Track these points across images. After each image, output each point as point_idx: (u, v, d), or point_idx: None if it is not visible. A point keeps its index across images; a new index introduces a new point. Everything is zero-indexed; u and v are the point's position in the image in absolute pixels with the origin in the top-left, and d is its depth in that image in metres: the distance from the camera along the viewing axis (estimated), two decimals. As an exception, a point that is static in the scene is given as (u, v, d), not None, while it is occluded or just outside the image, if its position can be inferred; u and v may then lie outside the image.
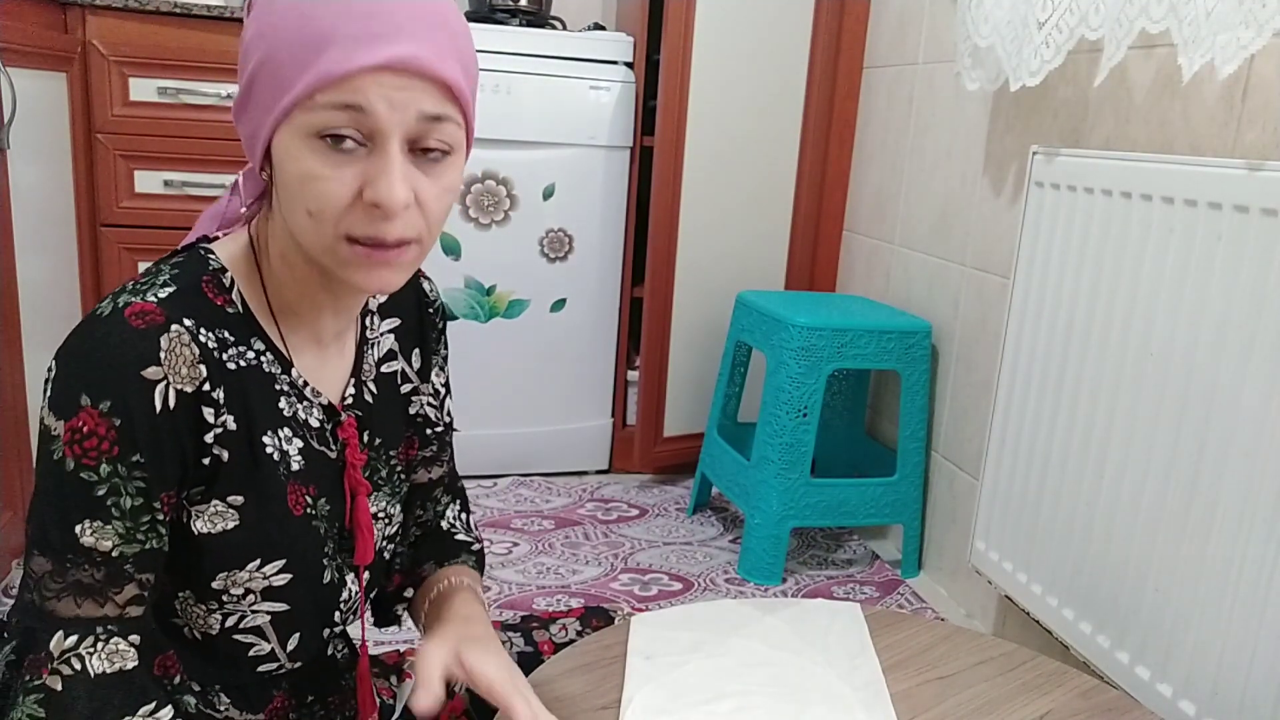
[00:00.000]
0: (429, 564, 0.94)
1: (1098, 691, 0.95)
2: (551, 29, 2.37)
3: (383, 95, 0.63)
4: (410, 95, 0.64)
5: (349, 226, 0.66)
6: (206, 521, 0.71)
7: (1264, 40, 1.15)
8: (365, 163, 0.65)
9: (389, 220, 0.65)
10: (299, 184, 0.65)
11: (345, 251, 0.67)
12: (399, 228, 0.66)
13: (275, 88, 0.65)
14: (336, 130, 0.64)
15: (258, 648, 0.76)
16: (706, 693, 0.89)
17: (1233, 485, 1.16)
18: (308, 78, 0.63)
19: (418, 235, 0.68)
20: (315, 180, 0.65)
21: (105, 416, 0.64)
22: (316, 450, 0.78)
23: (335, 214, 0.65)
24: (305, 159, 0.65)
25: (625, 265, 2.41)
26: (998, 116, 1.83)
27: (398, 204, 0.65)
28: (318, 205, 0.65)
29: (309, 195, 0.65)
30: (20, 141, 1.63)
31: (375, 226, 0.66)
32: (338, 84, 0.63)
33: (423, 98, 0.65)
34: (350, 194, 0.65)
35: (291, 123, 0.65)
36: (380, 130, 0.64)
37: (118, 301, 0.67)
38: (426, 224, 0.68)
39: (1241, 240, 1.15)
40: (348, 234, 0.66)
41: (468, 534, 0.98)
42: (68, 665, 0.65)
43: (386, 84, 0.63)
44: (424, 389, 0.90)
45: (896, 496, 2.02)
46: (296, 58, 0.63)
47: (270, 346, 0.74)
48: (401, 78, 0.64)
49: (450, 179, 0.69)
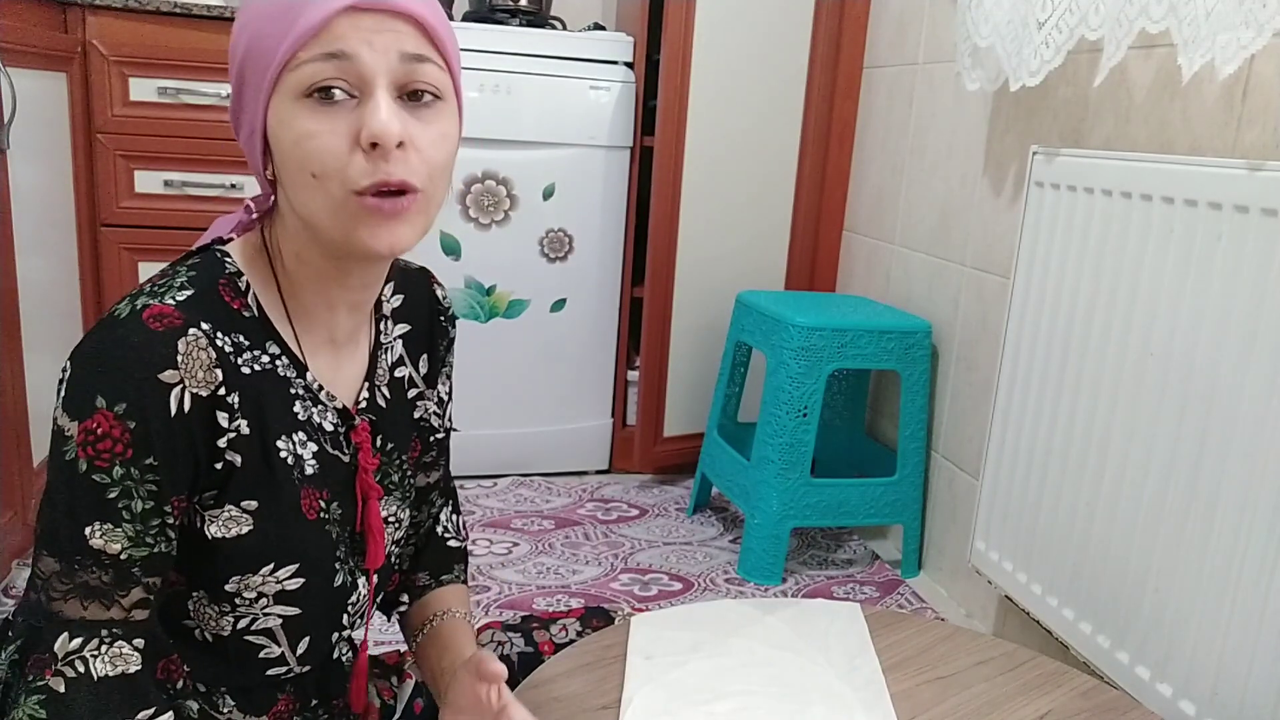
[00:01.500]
0: (424, 574, 0.95)
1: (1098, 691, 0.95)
2: (551, 29, 2.37)
3: (363, 39, 0.65)
4: (389, 37, 0.66)
5: (353, 178, 0.66)
6: (221, 526, 0.71)
7: (1264, 40, 1.15)
8: (356, 111, 0.66)
9: (388, 160, 0.66)
10: (296, 147, 0.66)
11: (354, 207, 0.67)
12: (399, 168, 0.66)
13: (262, 66, 0.66)
14: (324, 82, 0.65)
15: (267, 650, 0.76)
16: (706, 693, 0.89)
17: (1233, 485, 1.16)
18: (290, 37, 0.64)
19: (420, 181, 0.68)
20: (311, 138, 0.65)
21: (120, 419, 0.64)
22: (330, 454, 0.78)
23: (337, 167, 0.66)
24: (298, 120, 0.66)
25: (625, 265, 2.41)
26: (998, 116, 1.83)
27: (392, 137, 0.65)
28: (319, 163, 0.66)
29: (308, 155, 0.66)
30: (20, 141, 1.63)
31: (377, 170, 0.66)
32: (317, 35, 0.64)
33: (402, 38, 0.66)
34: (347, 144, 0.66)
35: (280, 90, 0.66)
36: (365, 75, 0.65)
37: (136, 304, 0.66)
38: (427, 171, 0.69)
39: (1241, 240, 1.15)
40: (353, 188, 0.66)
41: (457, 537, 0.99)
42: (71, 667, 0.65)
43: (364, 26, 0.65)
44: (429, 395, 0.90)
45: (896, 496, 2.02)
46: (277, 29, 0.65)
47: (285, 350, 0.74)
48: (379, 18, 0.65)
49: (444, 126, 0.70)
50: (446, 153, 0.70)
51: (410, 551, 0.96)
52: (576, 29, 2.44)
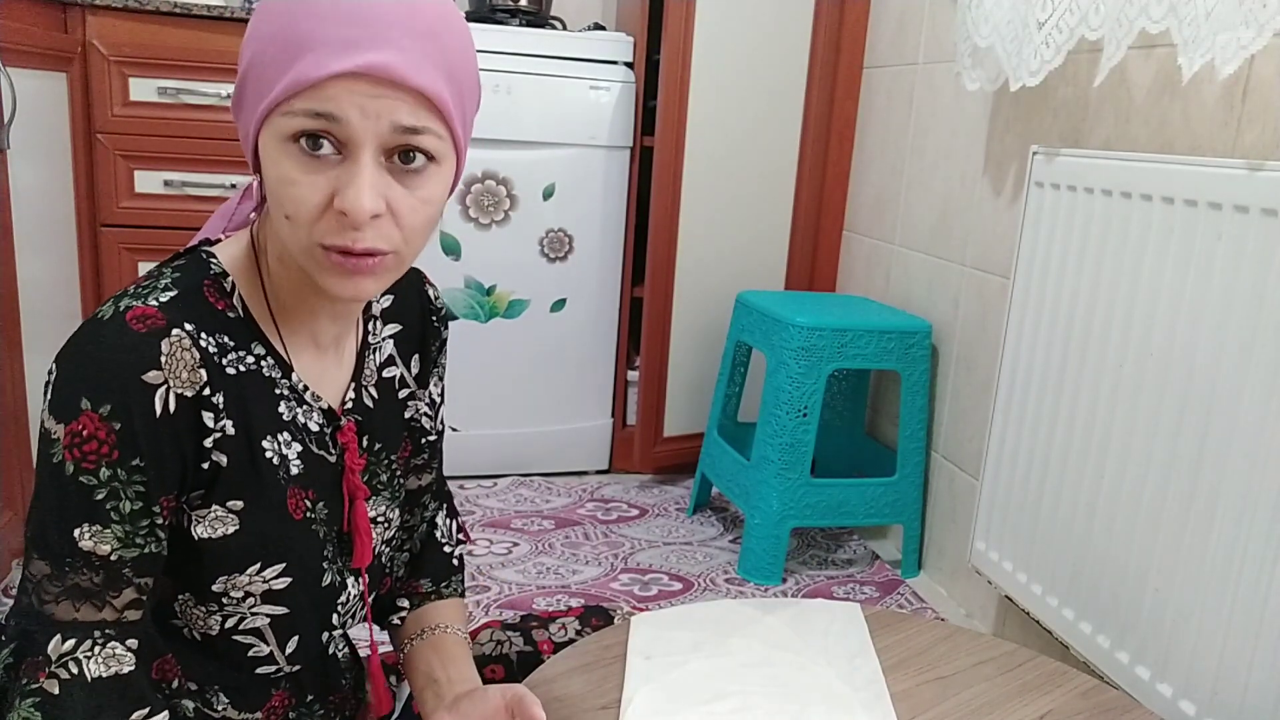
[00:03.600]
0: (426, 581, 0.95)
1: (1098, 691, 0.95)
2: (551, 29, 2.37)
3: (355, 104, 0.62)
4: (384, 104, 0.63)
5: (321, 234, 0.65)
6: (207, 526, 0.71)
7: (1264, 40, 1.15)
8: (339, 170, 0.64)
9: (357, 230, 0.65)
10: (277, 187, 0.66)
11: (320, 257, 0.66)
12: (369, 238, 0.65)
13: (259, 89, 0.65)
14: (311, 137, 0.63)
15: (256, 649, 0.76)
16: (706, 693, 0.89)
17: (1233, 485, 1.16)
18: (284, 82, 0.63)
19: (392, 247, 0.67)
20: (290, 185, 0.65)
21: (105, 420, 0.64)
22: (316, 454, 0.78)
23: (309, 220, 0.65)
24: (282, 163, 0.65)
25: (625, 265, 2.41)
26: (998, 116, 1.83)
27: (364, 213, 0.63)
28: (293, 210, 0.65)
29: (285, 199, 0.65)
30: (20, 141, 1.63)
31: (345, 235, 0.65)
32: (310, 90, 0.62)
33: (397, 107, 0.63)
34: (323, 200, 0.65)
35: (271, 126, 0.65)
36: (352, 139, 0.63)
37: (119, 305, 0.66)
38: (402, 235, 0.67)
39: (1241, 240, 1.15)
40: (320, 241, 0.65)
41: (452, 542, 0.99)
42: (65, 669, 0.65)
43: (360, 92, 0.62)
44: (420, 395, 0.90)
45: (896, 496, 2.02)
46: (278, 60, 0.63)
47: (271, 350, 0.74)
48: (375, 86, 0.63)
49: (430, 190, 0.68)
50: (426, 217, 0.69)
51: (405, 557, 0.96)
52: (576, 29, 2.44)
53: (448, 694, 0.83)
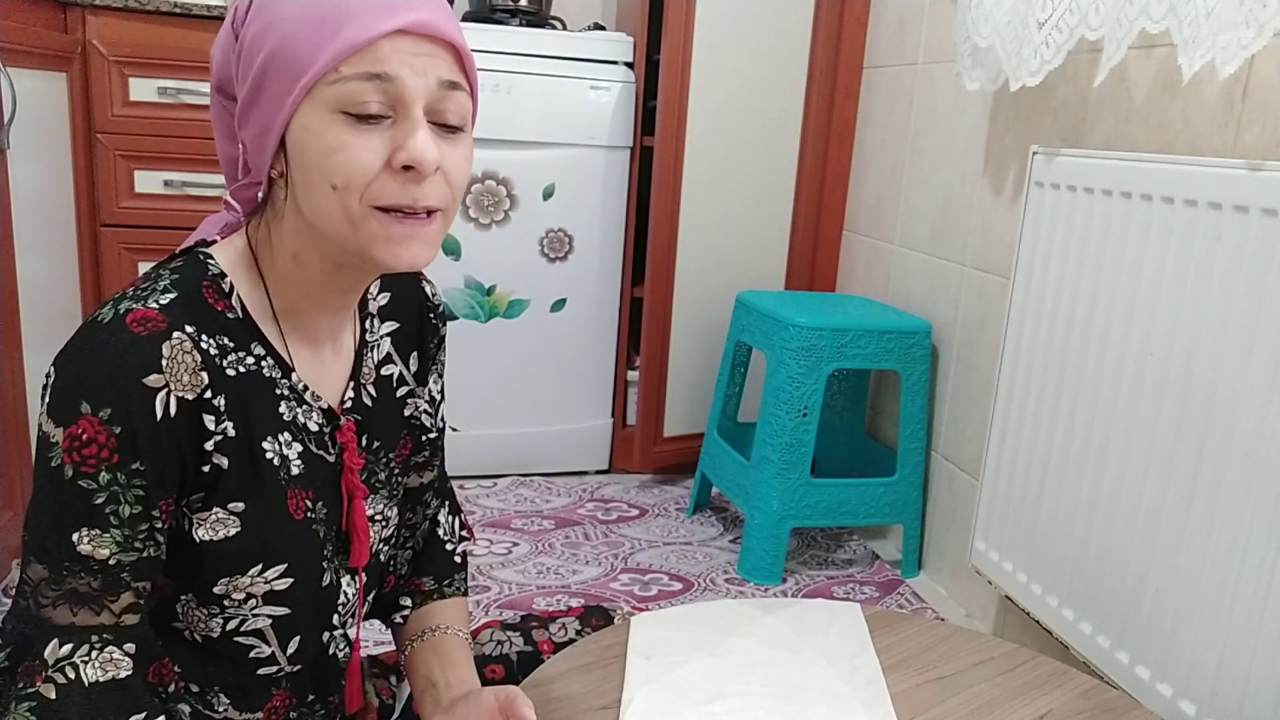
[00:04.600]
0: (429, 579, 0.95)
1: (1098, 691, 0.95)
2: (551, 29, 2.37)
3: (405, 62, 0.66)
4: (429, 61, 0.67)
5: (376, 195, 0.67)
6: (208, 529, 0.71)
7: (1264, 40, 1.15)
8: (391, 131, 0.67)
9: (420, 184, 0.67)
10: (323, 158, 0.66)
11: (374, 224, 0.67)
12: (429, 193, 0.68)
13: (292, 71, 0.66)
14: (363, 102, 0.65)
15: (258, 650, 0.76)
16: (706, 693, 0.89)
17: (1233, 485, 1.16)
18: (331, 50, 0.65)
19: (443, 204, 0.70)
20: (341, 151, 0.66)
21: (105, 424, 0.63)
22: (315, 454, 0.78)
23: (363, 183, 0.66)
24: (329, 132, 0.66)
25: (625, 265, 2.41)
26: (998, 116, 1.83)
27: (430, 163, 0.66)
28: (344, 176, 0.66)
29: (334, 168, 0.66)
30: (20, 141, 1.63)
31: (406, 192, 0.67)
32: (361, 53, 0.65)
33: (439, 64, 0.67)
34: (379, 162, 0.66)
35: (313, 99, 0.66)
36: (404, 97, 0.66)
37: (119, 308, 0.66)
38: (451, 194, 0.70)
39: (1241, 240, 1.15)
40: (375, 203, 0.67)
41: (455, 540, 0.99)
42: (62, 674, 0.64)
43: (407, 50, 0.66)
44: (419, 393, 0.90)
45: (896, 496, 2.02)
46: (314, 37, 0.65)
47: (271, 351, 0.74)
48: (420, 43, 0.66)
49: (466, 150, 0.72)
50: (467, 174, 0.72)
51: (409, 555, 0.96)
52: (576, 29, 2.44)
53: (445, 698, 0.84)
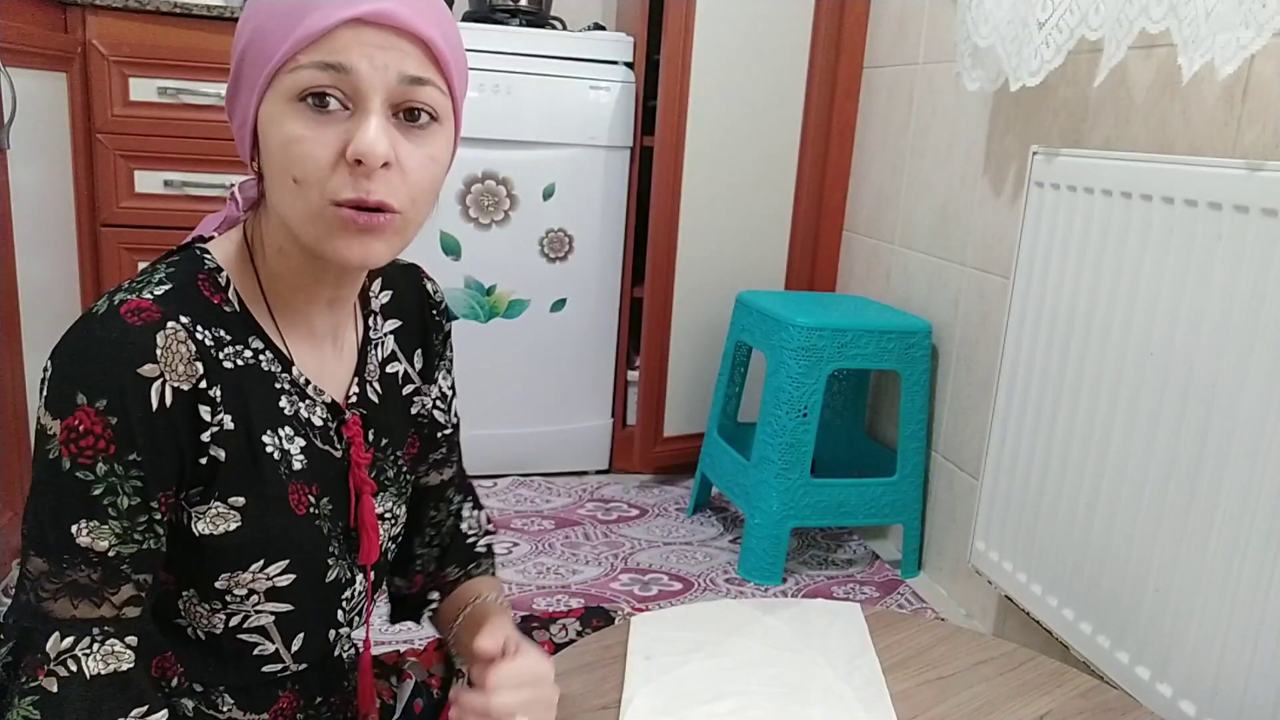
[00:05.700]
0: (453, 568, 0.95)
1: (1098, 691, 0.95)
2: (551, 29, 2.37)
3: (364, 54, 0.64)
4: (391, 55, 0.65)
5: (334, 190, 0.65)
6: (208, 523, 0.71)
7: (1264, 40, 1.15)
8: (348, 123, 0.65)
9: (370, 179, 0.65)
10: (282, 149, 0.66)
11: (330, 217, 0.66)
12: (380, 188, 0.66)
13: (261, 60, 0.66)
14: (318, 89, 0.64)
15: (262, 648, 0.76)
16: (706, 693, 0.89)
17: (1233, 485, 1.16)
18: (290, 39, 0.64)
19: (399, 204, 0.67)
20: (298, 142, 0.65)
21: (101, 415, 0.63)
22: (320, 449, 0.77)
23: (320, 176, 0.65)
24: (287, 123, 0.65)
25: (625, 265, 2.41)
26: (998, 116, 1.83)
27: (377, 157, 0.64)
28: (301, 169, 0.65)
29: (293, 159, 0.65)
30: (20, 141, 1.63)
31: (358, 185, 0.65)
32: (319, 42, 0.64)
33: (404, 59, 0.65)
34: (333, 155, 0.65)
35: (275, 89, 0.65)
36: (361, 90, 0.65)
37: (113, 299, 0.66)
38: (409, 194, 0.68)
39: (1241, 240, 1.15)
40: (335, 199, 0.66)
41: (480, 533, 0.99)
42: (64, 667, 0.64)
43: (368, 41, 0.64)
44: (426, 390, 0.90)
45: (896, 496, 2.02)
46: (281, 27, 0.65)
47: (269, 345, 0.74)
48: (382, 34, 0.64)
49: (436, 149, 0.69)
50: (433, 176, 0.69)
51: (435, 554, 0.96)
52: (576, 29, 2.44)
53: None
